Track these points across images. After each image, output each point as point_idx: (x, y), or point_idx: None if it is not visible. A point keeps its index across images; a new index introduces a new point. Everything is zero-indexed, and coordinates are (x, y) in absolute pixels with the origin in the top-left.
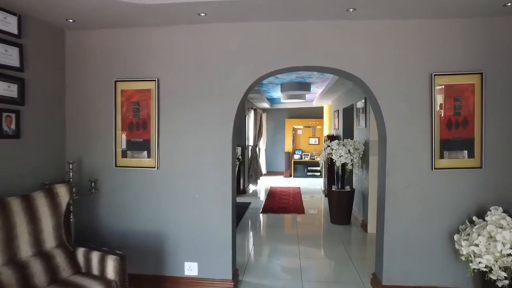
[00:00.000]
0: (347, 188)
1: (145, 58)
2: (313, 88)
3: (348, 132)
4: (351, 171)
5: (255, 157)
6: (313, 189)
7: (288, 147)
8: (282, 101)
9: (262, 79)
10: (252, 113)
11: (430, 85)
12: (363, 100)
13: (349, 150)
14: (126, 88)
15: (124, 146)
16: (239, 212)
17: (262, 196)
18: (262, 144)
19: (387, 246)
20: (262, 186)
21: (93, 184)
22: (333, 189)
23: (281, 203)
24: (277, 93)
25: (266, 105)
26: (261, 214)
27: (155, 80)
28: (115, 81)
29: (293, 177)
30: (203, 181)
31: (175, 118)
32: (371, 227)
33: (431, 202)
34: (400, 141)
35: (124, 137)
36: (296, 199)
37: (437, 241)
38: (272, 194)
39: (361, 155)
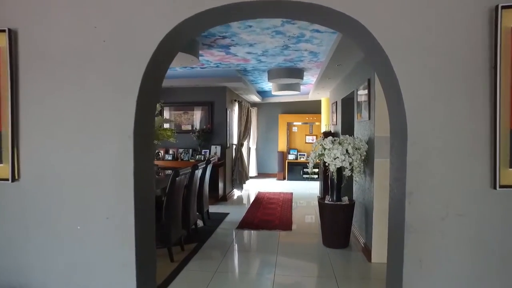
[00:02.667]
0: (345, 200)
1: None
2: (306, 76)
3: (347, 128)
4: (350, 177)
5: (240, 157)
6: (308, 195)
7: (282, 146)
8: (273, 93)
9: (190, 29)
10: (236, 107)
11: (492, 28)
12: (366, 83)
13: (347, 150)
14: None
15: None
16: (209, 226)
17: (247, 204)
18: (252, 143)
19: None
20: (251, 190)
21: None
22: (326, 201)
23: (265, 215)
24: (267, 84)
25: (256, 98)
26: (236, 231)
27: (5, 31)
28: None
29: (287, 180)
30: (90, 203)
31: (46, 97)
32: (377, 255)
33: (492, 247)
34: (432, 136)
35: None
36: (284, 209)
37: None
38: (257, 202)
39: (363, 157)
